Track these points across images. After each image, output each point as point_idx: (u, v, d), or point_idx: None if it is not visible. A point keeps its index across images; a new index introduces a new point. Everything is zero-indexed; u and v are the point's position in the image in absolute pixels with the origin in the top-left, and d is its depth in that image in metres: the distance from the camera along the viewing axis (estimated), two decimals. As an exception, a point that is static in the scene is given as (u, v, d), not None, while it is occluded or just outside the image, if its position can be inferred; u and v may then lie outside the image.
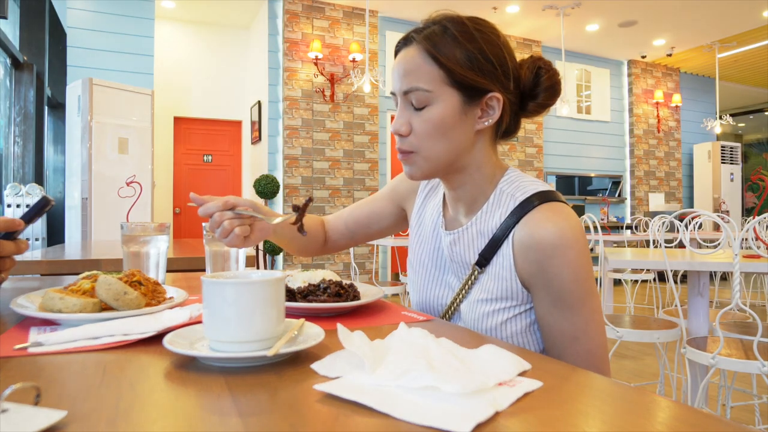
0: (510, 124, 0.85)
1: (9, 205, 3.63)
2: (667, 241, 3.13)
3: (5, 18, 2.72)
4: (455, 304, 0.86)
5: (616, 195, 7.81)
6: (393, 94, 0.84)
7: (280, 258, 5.66)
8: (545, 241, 0.75)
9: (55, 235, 4.39)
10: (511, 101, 0.82)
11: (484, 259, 0.82)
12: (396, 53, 0.84)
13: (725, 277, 6.40)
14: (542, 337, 0.80)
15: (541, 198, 0.79)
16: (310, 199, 0.85)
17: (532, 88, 0.83)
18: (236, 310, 0.52)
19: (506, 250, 0.79)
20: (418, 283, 0.95)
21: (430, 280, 0.93)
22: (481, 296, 0.82)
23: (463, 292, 0.84)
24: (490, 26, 0.82)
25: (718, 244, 1.84)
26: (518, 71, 0.83)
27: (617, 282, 6.41)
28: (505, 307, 0.80)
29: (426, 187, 1.01)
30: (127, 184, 1.11)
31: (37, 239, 3.71)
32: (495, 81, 0.79)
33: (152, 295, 0.79)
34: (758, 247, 1.97)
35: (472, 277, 0.83)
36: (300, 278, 0.85)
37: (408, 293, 3.60)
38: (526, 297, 0.80)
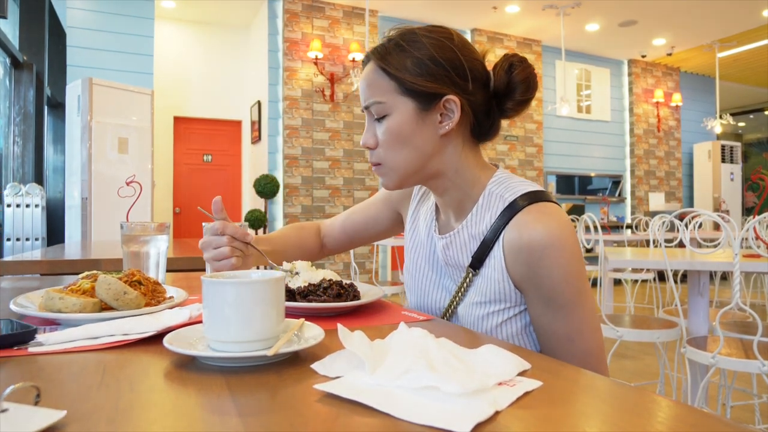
0: (483, 125, 0.84)
1: (9, 205, 3.63)
2: (667, 241, 3.13)
3: (5, 18, 2.72)
4: (452, 307, 0.86)
5: (616, 194, 7.81)
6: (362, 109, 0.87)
7: (280, 258, 5.66)
8: (534, 243, 0.74)
9: (55, 235, 4.39)
10: (473, 102, 0.81)
11: (477, 262, 0.82)
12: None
13: (725, 277, 6.40)
14: (538, 338, 0.80)
15: (530, 198, 0.78)
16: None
17: (506, 85, 0.82)
18: (236, 310, 0.52)
19: (497, 252, 0.79)
20: (416, 287, 0.96)
21: (428, 284, 0.93)
22: (476, 299, 0.82)
23: (460, 294, 0.85)
24: (443, 31, 0.82)
25: (718, 243, 1.84)
26: (484, 73, 0.83)
27: (617, 282, 6.41)
28: (500, 309, 0.80)
29: (419, 191, 1.02)
30: (127, 184, 1.11)
31: (37, 239, 3.71)
32: (449, 84, 0.79)
33: (152, 295, 0.79)
34: (758, 247, 1.97)
35: (467, 279, 0.84)
36: (300, 278, 0.85)
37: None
38: (520, 298, 0.79)
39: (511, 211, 0.78)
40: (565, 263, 0.74)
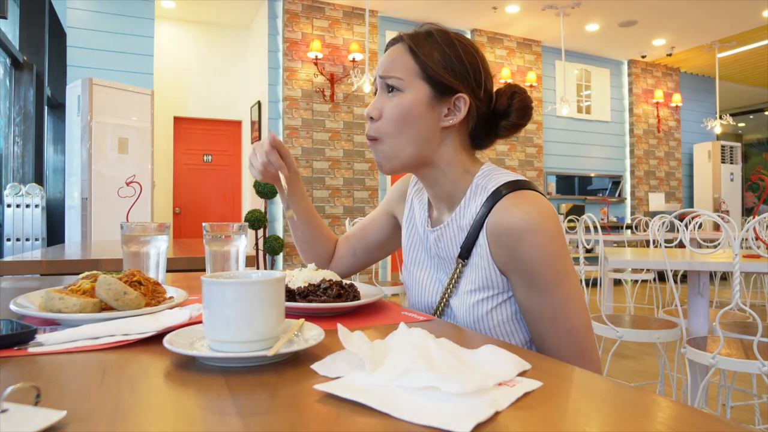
0: (479, 131, 0.90)
1: (9, 205, 3.63)
2: (667, 241, 3.14)
3: (5, 18, 2.72)
4: (445, 299, 0.88)
5: (616, 195, 7.81)
6: (374, 85, 0.91)
7: (280, 258, 5.66)
8: (513, 227, 0.78)
9: (55, 235, 4.39)
10: (479, 108, 0.87)
11: (465, 252, 0.85)
12: (386, 51, 0.92)
13: (725, 277, 6.40)
14: (525, 320, 0.83)
15: (510, 187, 0.82)
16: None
17: (505, 108, 0.89)
18: (236, 310, 0.52)
19: (482, 240, 0.83)
20: (412, 282, 0.98)
21: (424, 278, 0.96)
22: (467, 288, 0.85)
23: (451, 286, 0.87)
24: (471, 42, 0.89)
25: (718, 244, 1.84)
26: (491, 88, 0.90)
27: (617, 282, 6.40)
28: (489, 296, 0.83)
29: (413, 188, 1.05)
30: (127, 184, 1.11)
31: (37, 239, 3.71)
32: (465, 84, 0.85)
33: (152, 295, 0.79)
34: (758, 247, 1.97)
35: (458, 270, 0.87)
36: (300, 278, 0.85)
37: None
38: (506, 285, 0.82)
39: (494, 199, 0.82)
40: (544, 245, 0.77)
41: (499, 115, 0.90)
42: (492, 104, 0.90)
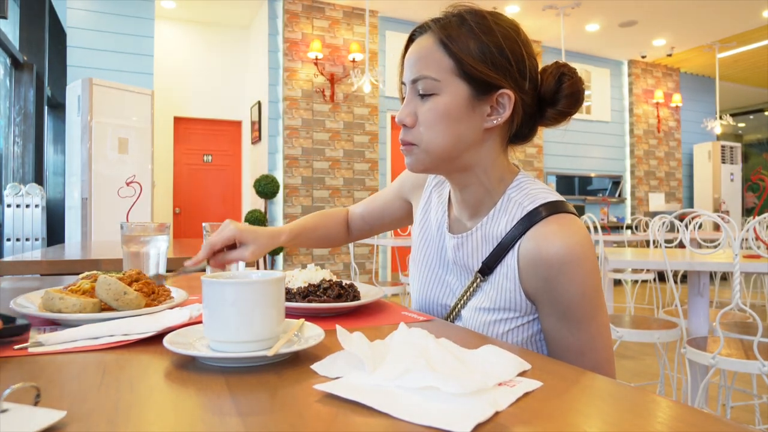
0: (523, 127, 0.82)
1: (9, 205, 3.63)
2: (667, 241, 3.13)
3: (5, 18, 2.72)
4: (456, 309, 0.85)
5: (616, 195, 7.81)
6: (403, 83, 0.81)
7: (280, 258, 5.66)
8: (553, 258, 0.72)
9: (55, 235, 4.39)
10: (524, 102, 0.78)
11: (487, 268, 0.80)
12: (410, 41, 0.82)
13: (725, 277, 6.39)
14: (548, 350, 0.79)
15: (549, 209, 0.76)
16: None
17: (552, 94, 0.80)
18: (236, 310, 0.52)
19: (511, 261, 0.77)
20: (420, 281, 0.94)
21: (433, 279, 0.92)
22: (484, 305, 0.80)
23: (465, 297, 0.83)
24: (510, 23, 0.80)
25: (718, 244, 1.84)
26: (537, 74, 0.80)
27: (617, 282, 6.40)
28: (509, 317, 0.78)
29: (433, 181, 0.99)
30: (127, 184, 1.11)
31: (37, 239, 3.71)
32: (508, 77, 0.76)
33: (154, 295, 0.79)
34: (758, 247, 1.97)
35: (474, 284, 0.82)
36: (300, 278, 0.85)
37: (408, 293, 3.62)
38: (531, 308, 0.78)
39: (529, 220, 0.76)
40: (582, 279, 0.72)
41: (544, 101, 0.80)
42: (537, 90, 0.80)
